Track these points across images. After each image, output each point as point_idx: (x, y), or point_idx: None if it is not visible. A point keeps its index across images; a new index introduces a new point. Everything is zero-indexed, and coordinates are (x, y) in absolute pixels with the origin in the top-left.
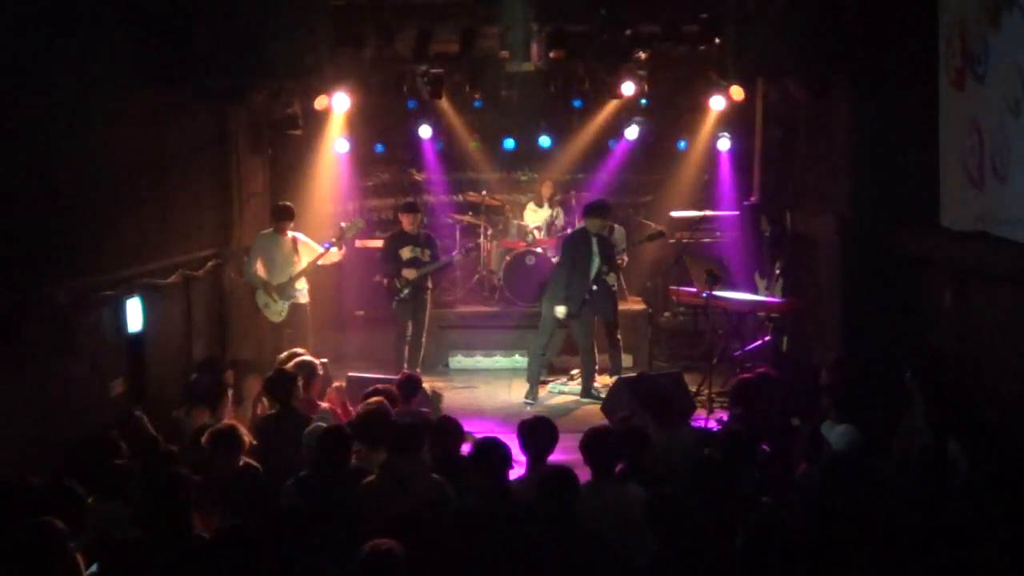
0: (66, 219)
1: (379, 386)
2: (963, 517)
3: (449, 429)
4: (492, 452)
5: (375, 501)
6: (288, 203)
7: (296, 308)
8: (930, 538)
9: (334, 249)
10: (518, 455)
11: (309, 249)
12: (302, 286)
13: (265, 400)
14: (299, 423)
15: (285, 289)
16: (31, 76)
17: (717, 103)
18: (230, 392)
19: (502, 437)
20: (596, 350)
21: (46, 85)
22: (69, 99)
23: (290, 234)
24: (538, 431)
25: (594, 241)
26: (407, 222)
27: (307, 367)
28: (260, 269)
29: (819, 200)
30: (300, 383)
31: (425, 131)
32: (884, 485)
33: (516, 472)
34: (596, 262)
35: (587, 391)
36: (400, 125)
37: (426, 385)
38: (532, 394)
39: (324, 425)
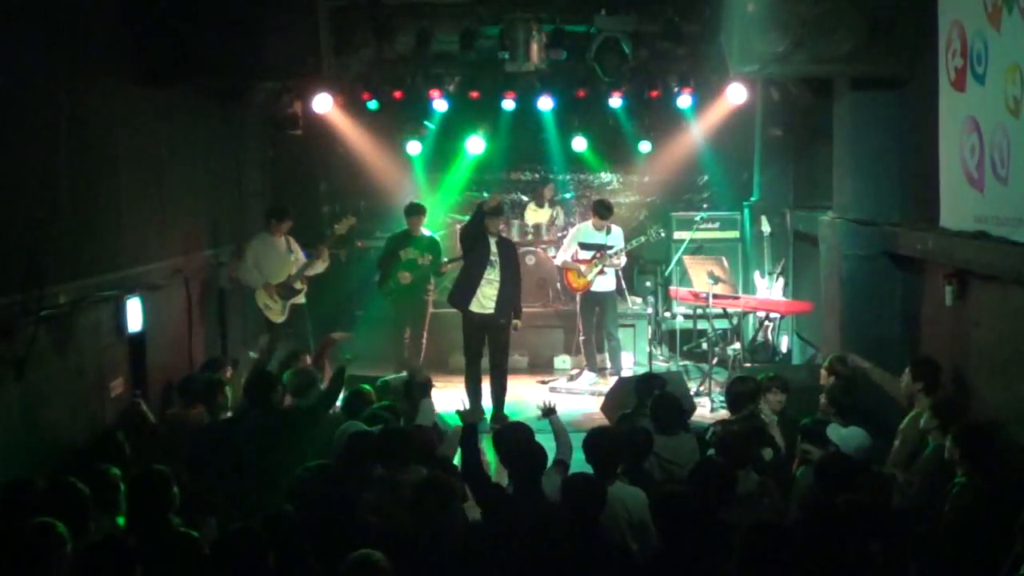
0: (66, 219)
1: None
2: (964, 517)
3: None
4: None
5: (368, 510)
6: (281, 204)
7: (297, 309)
8: (931, 537)
9: (319, 261)
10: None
11: (299, 254)
12: (302, 287)
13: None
14: (278, 425)
15: (285, 289)
16: (31, 76)
17: (719, 102)
18: (228, 390)
19: None
20: (596, 351)
21: (46, 85)
22: (69, 99)
23: (283, 237)
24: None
25: (492, 242)
26: (412, 224)
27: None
28: (255, 271)
29: (819, 200)
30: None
31: (425, 131)
32: (884, 485)
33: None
34: (495, 268)
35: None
36: (400, 125)
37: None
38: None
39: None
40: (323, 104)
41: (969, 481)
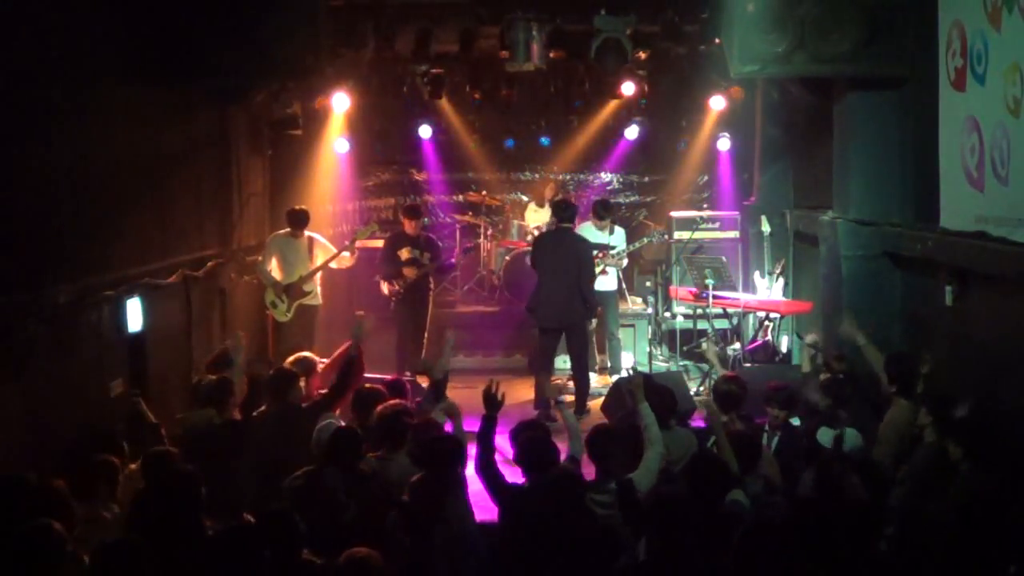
0: (66, 219)
1: (368, 386)
2: (966, 518)
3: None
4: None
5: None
6: (303, 208)
7: (305, 309)
8: (931, 539)
9: (346, 253)
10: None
11: (324, 250)
12: (312, 288)
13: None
14: (297, 420)
15: (293, 289)
16: (31, 76)
17: (717, 103)
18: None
19: (501, 438)
20: (596, 351)
21: (46, 85)
22: (69, 99)
23: (307, 235)
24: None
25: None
26: (409, 226)
27: (306, 364)
28: (275, 268)
29: (819, 200)
30: (301, 381)
31: (425, 131)
32: (881, 486)
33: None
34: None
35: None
36: (400, 125)
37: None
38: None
39: (339, 423)
40: (341, 103)
41: (972, 477)
